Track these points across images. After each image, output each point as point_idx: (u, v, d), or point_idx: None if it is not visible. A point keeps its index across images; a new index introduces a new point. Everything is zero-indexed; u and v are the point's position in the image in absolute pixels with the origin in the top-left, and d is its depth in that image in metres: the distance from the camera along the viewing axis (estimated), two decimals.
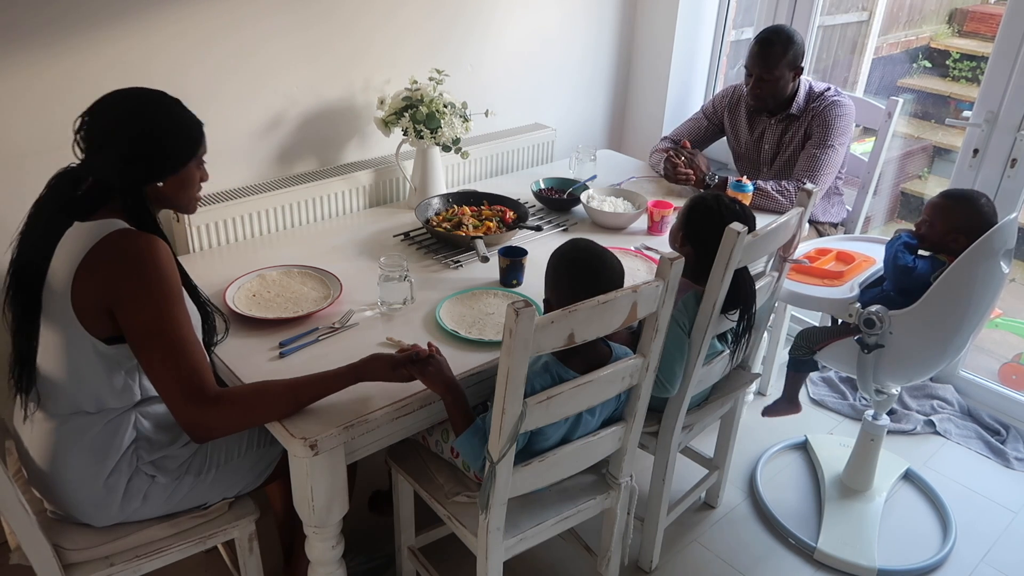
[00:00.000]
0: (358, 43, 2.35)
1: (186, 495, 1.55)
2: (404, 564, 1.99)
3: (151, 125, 1.40)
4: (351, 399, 1.50)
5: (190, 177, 1.48)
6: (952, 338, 1.98)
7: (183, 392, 1.35)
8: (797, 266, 2.18)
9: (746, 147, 2.72)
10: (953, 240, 1.97)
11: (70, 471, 1.45)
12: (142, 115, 1.40)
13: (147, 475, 1.50)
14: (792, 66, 2.46)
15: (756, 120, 2.66)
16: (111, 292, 1.35)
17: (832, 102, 2.50)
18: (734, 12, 3.20)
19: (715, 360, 1.89)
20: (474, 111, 2.40)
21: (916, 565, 2.18)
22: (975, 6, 3.93)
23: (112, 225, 1.37)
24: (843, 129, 2.48)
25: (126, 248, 1.36)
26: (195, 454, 1.55)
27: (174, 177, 1.45)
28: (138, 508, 1.50)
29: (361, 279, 1.94)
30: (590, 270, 1.54)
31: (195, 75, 2.07)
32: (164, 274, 1.36)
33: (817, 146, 2.48)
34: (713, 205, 1.82)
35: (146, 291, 1.34)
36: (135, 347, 1.37)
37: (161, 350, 1.35)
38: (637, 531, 2.07)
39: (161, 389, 1.37)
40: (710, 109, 2.78)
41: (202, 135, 1.48)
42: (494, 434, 1.39)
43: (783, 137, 2.60)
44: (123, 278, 1.34)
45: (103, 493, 1.47)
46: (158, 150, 1.42)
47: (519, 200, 2.33)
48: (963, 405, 2.83)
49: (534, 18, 2.79)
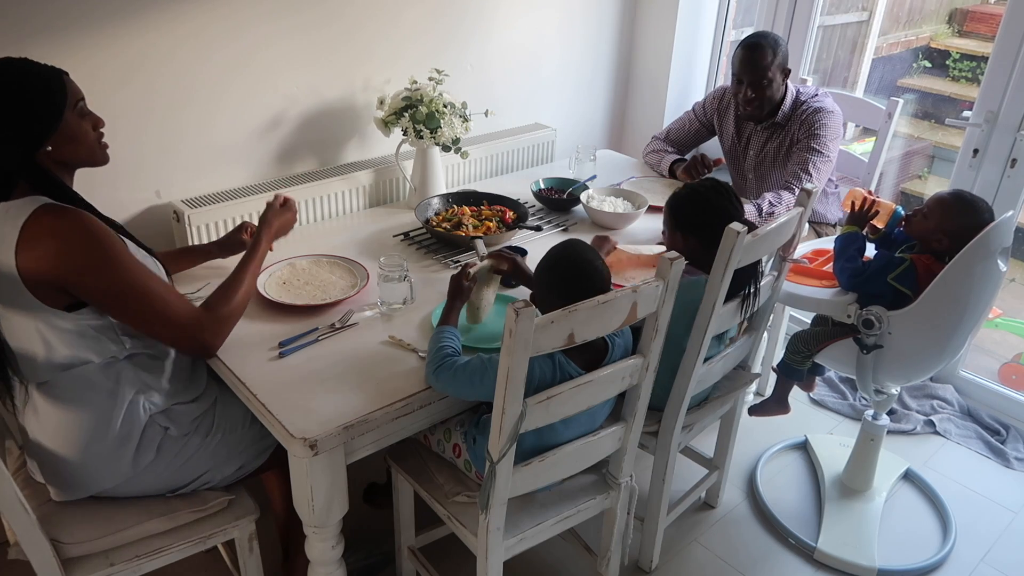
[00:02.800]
0: (358, 43, 2.35)
1: (192, 457, 1.57)
2: (404, 564, 1.99)
3: (6, 101, 1.34)
4: (351, 399, 1.50)
5: (75, 129, 1.42)
6: (951, 338, 1.98)
7: (177, 334, 1.49)
8: (795, 267, 2.18)
9: (732, 151, 2.71)
10: (937, 241, 1.95)
11: (81, 431, 1.48)
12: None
13: (160, 426, 1.54)
14: (782, 68, 2.45)
15: (743, 125, 2.65)
16: (58, 270, 1.37)
17: (816, 109, 2.46)
18: (734, 12, 3.20)
19: (715, 360, 1.89)
20: (474, 111, 2.40)
21: (916, 565, 2.18)
22: (975, 6, 3.93)
23: (35, 202, 1.37)
24: (831, 135, 2.45)
25: (55, 227, 1.36)
26: (204, 414, 1.61)
27: (56, 137, 1.39)
28: (151, 463, 1.53)
29: None
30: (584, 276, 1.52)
31: (201, 77, 2.08)
32: (100, 238, 1.38)
33: (807, 150, 2.45)
34: (687, 192, 1.84)
35: (92, 261, 1.37)
36: (110, 313, 1.43)
37: (137, 307, 1.42)
38: (637, 531, 2.07)
39: (158, 338, 1.51)
40: (700, 109, 2.77)
41: (62, 84, 1.40)
42: (494, 434, 1.39)
43: (766, 145, 2.58)
44: (64, 256, 1.36)
45: (115, 445, 1.49)
46: (21, 120, 1.36)
47: (519, 200, 2.33)
48: (963, 405, 2.83)
49: (534, 18, 2.79)
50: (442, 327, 1.61)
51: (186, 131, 2.12)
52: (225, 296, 1.59)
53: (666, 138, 2.84)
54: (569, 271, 1.53)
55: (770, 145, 2.57)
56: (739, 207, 1.79)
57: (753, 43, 2.42)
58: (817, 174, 2.44)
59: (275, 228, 1.81)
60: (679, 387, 1.82)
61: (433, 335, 1.60)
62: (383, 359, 1.64)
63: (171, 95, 2.05)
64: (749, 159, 2.65)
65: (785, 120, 2.52)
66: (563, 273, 1.54)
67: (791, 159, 2.51)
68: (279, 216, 1.82)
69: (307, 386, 1.54)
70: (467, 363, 1.50)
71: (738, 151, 2.68)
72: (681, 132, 2.81)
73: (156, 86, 2.01)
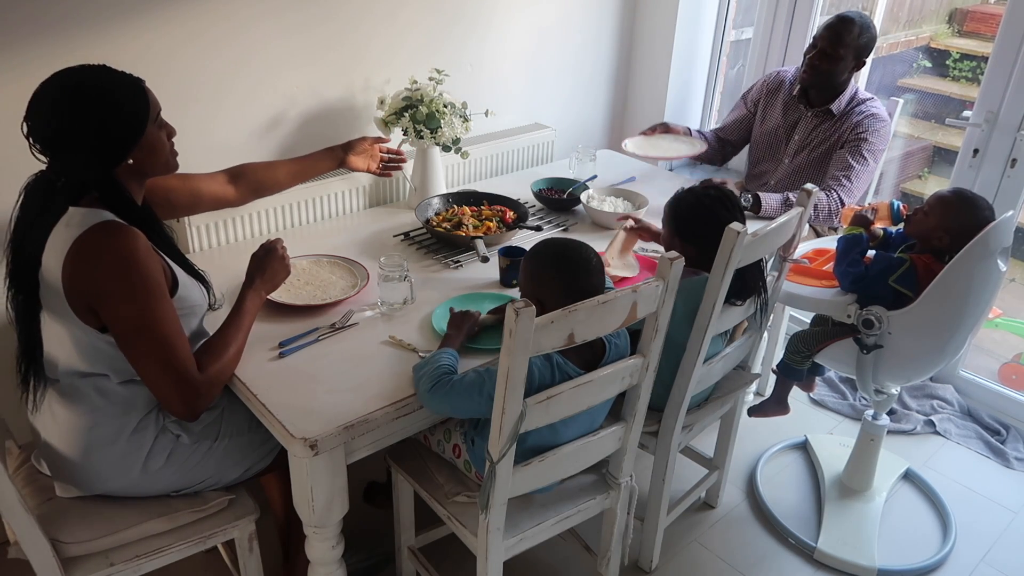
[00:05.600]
0: (358, 43, 2.35)
1: (199, 462, 1.57)
2: (404, 564, 1.99)
3: (93, 113, 1.35)
4: (351, 399, 1.50)
5: (154, 140, 1.44)
6: (951, 337, 1.98)
7: (168, 391, 1.40)
8: (795, 267, 2.18)
9: (773, 134, 2.64)
10: (938, 238, 1.95)
11: (93, 435, 1.48)
12: (80, 107, 1.34)
13: (173, 434, 1.53)
14: (857, 54, 2.42)
15: (792, 109, 2.60)
16: (91, 289, 1.37)
17: (872, 114, 2.45)
18: (734, 12, 3.20)
19: (715, 360, 1.89)
20: (474, 111, 2.40)
21: (916, 565, 2.18)
22: (975, 6, 3.93)
23: (98, 216, 1.38)
24: (879, 144, 2.44)
25: (105, 246, 1.36)
26: (213, 420, 1.59)
27: (138, 148, 1.41)
28: (159, 469, 1.53)
29: None
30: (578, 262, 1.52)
31: (201, 78, 2.08)
32: (138, 268, 1.36)
33: (853, 154, 2.42)
34: (693, 200, 1.83)
35: (122, 288, 1.36)
36: (120, 343, 1.39)
37: (146, 348, 1.38)
38: (637, 531, 2.07)
39: (150, 385, 1.41)
40: (749, 96, 2.74)
41: (145, 93, 1.42)
42: (494, 434, 1.39)
43: (814, 132, 2.54)
44: (102, 277, 1.36)
45: (126, 451, 1.50)
46: (112, 132, 1.37)
47: (519, 200, 2.33)
48: (963, 405, 2.83)
49: (534, 18, 2.79)
50: (444, 348, 1.59)
51: (186, 132, 2.09)
52: (226, 367, 1.50)
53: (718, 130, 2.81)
54: (567, 264, 1.52)
55: (817, 134, 2.53)
56: (742, 221, 1.78)
57: (846, 16, 2.40)
58: (857, 182, 2.42)
59: (260, 283, 1.62)
60: (679, 387, 1.82)
61: (429, 357, 1.55)
62: (383, 359, 1.64)
63: (172, 96, 2.03)
64: (792, 143, 2.59)
65: (840, 113, 2.49)
66: (560, 265, 1.52)
67: (834, 159, 2.47)
68: (262, 267, 1.64)
69: (307, 386, 1.54)
70: (463, 377, 1.49)
71: (781, 134, 2.63)
72: (739, 125, 2.78)
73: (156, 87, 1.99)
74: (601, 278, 1.54)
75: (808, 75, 2.49)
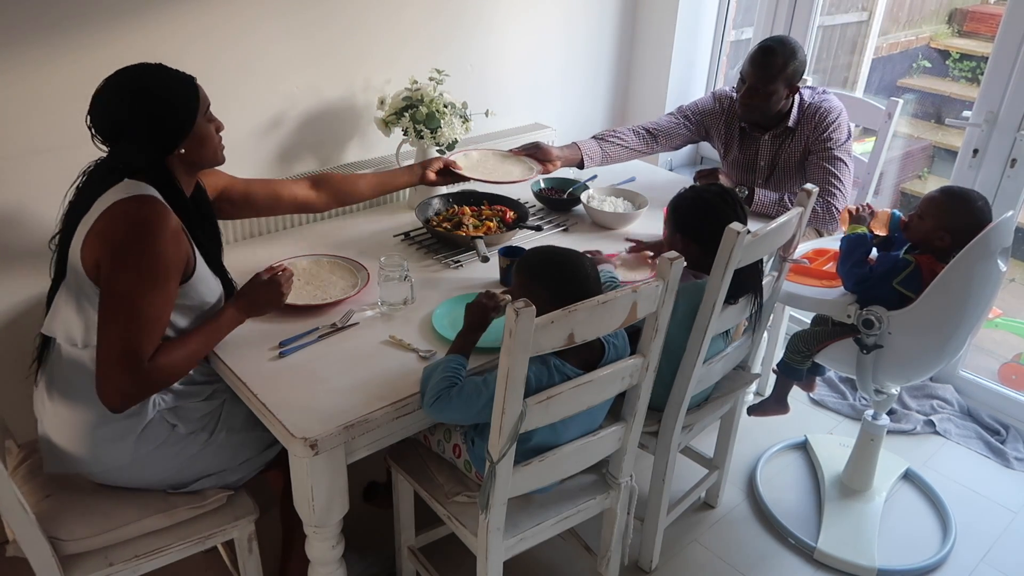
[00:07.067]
0: (358, 43, 2.35)
1: (196, 455, 1.58)
2: (404, 564, 1.99)
3: (150, 106, 1.45)
4: (351, 399, 1.50)
5: (204, 132, 1.54)
6: (951, 337, 1.98)
7: (117, 364, 1.38)
8: (795, 267, 2.18)
9: (740, 165, 2.59)
10: (939, 239, 1.94)
11: (87, 413, 1.49)
12: (138, 99, 1.45)
13: (168, 423, 1.55)
14: (789, 83, 2.33)
15: (748, 138, 2.53)
16: (105, 245, 1.41)
17: (823, 111, 2.38)
18: (734, 12, 3.20)
19: (715, 360, 1.89)
20: (474, 111, 2.40)
21: (916, 565, 2.18)
22: (975, 6, 3.93)
23: (142, 188, 1.44)
24: (843, 136, 2.40)
25: (134, 212, 1.42)
26: (211, 413, 1.61)
27: (189, 140, 1.51)
28: (151, 452, 1.54)
29: None
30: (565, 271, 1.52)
31: (202, 79, 2.05)
32: (155, 247, 1.41)
33: (827, 160, 2.38)
34: (693, 197, 1.83)
35: (131, 257, 1.40)
36: (100, 301, 1.42)
37: (117, 316, 1.40)
38: (637, 531, 2.07)
39: (100, 352, 1.40)
40: (692, 114, 2.62)
41: (196, 89, 1.52)
42: (494, 434, 1.39)
43: (779, 152, 2.49)
44: (118, 238, 1.41)
45: (119, 431, 1.51)
46: (165, 123, 1.48)
47: (519, 200, 2.33)
48: (963, 405, 2.83)
49: (534, 18, 2.79)
50: (452, 355, 1.54)
51: None
52: (166, 354, 1.44)
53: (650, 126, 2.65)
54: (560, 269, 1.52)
55: (782, 152, 2.48)
56: (744, 217, 1.77)
57: (768, 47, 2.30)
58: (844, 182, 2.38)
59: (247, 304, 1.61)
60: (679, 387, 1.82)
61: (439, 363, 1.52)
62: (383, 359, 1.64)
63: None
64: (761, 170, 2.54)
65: (796, 124, 2.43)
66: (554, 271, 1.52)
67: (811, 170, 2.42)
68: (256, 292, 1.63)
69: (307, 386, 1.54)
70: (462, 386, 1.48)
71: (747, 163, 2.57)
72: (666, 128, 2.63)
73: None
74: (595, 285, 1.53)
75: (745, 112, 2.43)
